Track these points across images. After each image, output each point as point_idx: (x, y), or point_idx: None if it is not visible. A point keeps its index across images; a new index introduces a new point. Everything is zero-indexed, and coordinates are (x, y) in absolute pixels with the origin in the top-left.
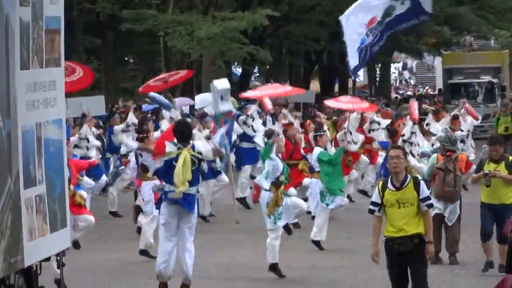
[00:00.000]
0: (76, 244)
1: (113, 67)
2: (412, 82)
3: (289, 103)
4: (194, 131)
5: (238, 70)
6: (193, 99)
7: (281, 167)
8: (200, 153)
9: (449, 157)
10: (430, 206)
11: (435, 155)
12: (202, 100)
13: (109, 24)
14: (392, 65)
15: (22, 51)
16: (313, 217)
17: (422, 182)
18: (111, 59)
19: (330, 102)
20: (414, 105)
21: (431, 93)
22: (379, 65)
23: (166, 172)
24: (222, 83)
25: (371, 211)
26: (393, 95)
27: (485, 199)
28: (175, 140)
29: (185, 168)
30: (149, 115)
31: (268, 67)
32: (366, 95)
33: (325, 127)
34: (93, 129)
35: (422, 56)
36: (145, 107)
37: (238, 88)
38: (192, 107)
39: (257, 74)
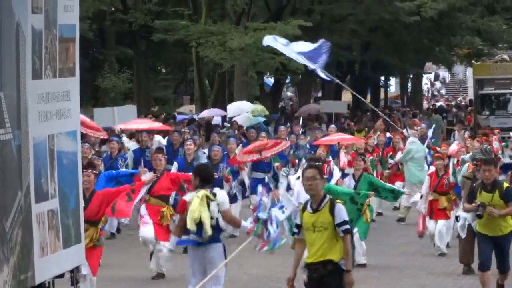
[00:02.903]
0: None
1: (145, 77)
2: (444, 92)
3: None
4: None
5: (270, 80)
6: (225, 110)
7: (303, 197)
8: (214, 194)
9: (478, 166)
10: (347, 231)
11: (466, 164)
12: (235, 109)
13: (141, 34)
14: (424, 75)
15: (34, 60)
16: None
17: (338, 206)
18: (143, 68)
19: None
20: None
21: (463, 103)
22: (411, 75)
23: None
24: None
25: (293, 233)
26: (425, 105)
27: (480, 229)
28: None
29: (202, 205)
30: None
31: (300, 77)
32: (398, 105)
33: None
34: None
35: (453, 66)
36: (179, 117)
37: (270, 98)
38: (224, 117)
39: (289, 84)
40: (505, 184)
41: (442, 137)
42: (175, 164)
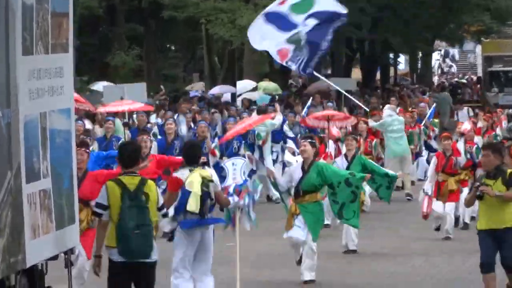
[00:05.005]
0: None
1: (154, 54)
2: (454, 70)
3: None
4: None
5: None
6: (235, 87)
7: (297, 176)
8: (211, 175)
9: (501, 144)
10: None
11: None
12: (244, 87)
13: (151, 12)
14: (436, 52)
15: (24, 35)
16: None
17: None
18: (153, 46)
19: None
20: None
21: (473, 79)
22: (420, 54)
23: (182, 201)
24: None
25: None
26: (436, 82)
27: (484, 225)
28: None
29: (201, 186)
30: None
31: None
32: (407, 82)
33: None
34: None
35: (463, 43)
36: (192, 93)
37: (280, 75)
38: (234, 94)
39: None
40: (510, 171)
41: (449, 114)
42: (155, 143)
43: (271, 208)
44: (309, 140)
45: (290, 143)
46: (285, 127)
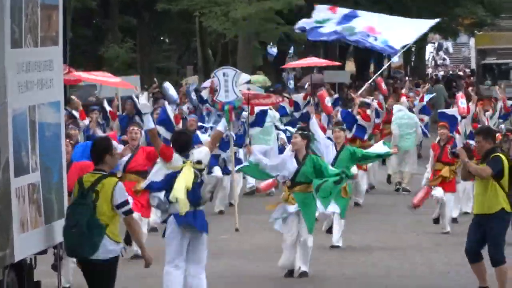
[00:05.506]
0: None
1: (148, 47)
2: (447, 63)
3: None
4: None
5: (273, 50)
6: None
7: (291, 167)
8: (200, 162)
9: (506, 137)
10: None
11: (497, 135)
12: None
13: (144, 4)
14: (429, 45)
15: (13, 28)
16: None
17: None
18: (146, 38)
19: None
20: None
21: (467, 72)
22: (414, 45)
23: (166, 188)
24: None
25: None
26: (430, 75)
27: (475, 209)
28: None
29: (187, 185)
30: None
31: (303, 47)
32: (401, 75)
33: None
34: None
35: (457, 36)
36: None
37: (274, 68)
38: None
39: (292, 54)
40: (494, 154)
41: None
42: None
43: (266, 202)
44: (300, 132)
45: (282, 135)
46: (276, 122)
